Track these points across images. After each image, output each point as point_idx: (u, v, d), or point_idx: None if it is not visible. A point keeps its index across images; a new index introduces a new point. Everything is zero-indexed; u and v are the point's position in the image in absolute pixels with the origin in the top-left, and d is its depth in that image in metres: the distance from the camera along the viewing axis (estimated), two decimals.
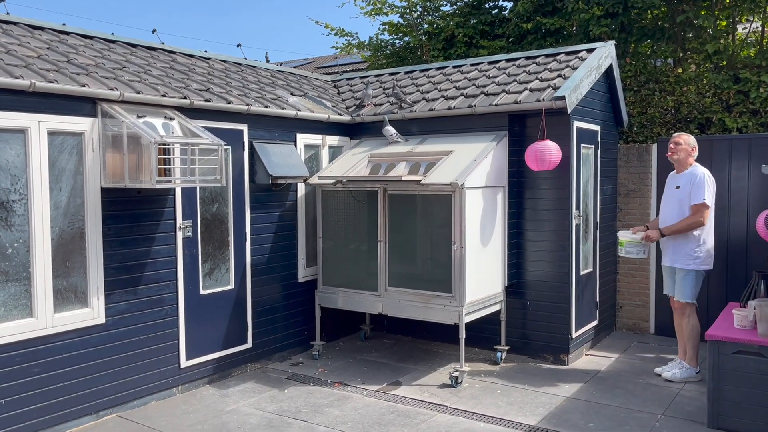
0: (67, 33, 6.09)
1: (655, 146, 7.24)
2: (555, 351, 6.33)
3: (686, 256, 5.53)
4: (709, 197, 5.43)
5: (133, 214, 5.16)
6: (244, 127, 6.08)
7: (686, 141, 5.61)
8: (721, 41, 8.03)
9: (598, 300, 6.94)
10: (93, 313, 4.90)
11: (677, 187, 5.61)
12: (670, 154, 5.66)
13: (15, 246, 4.45)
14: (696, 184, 5.46)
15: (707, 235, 5.53)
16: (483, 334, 6.66)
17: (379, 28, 11.73)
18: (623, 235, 5.82)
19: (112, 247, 5.02)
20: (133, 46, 6.61)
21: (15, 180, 4.43)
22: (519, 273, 6.51)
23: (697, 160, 5.70)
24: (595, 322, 6.87)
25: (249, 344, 6.19)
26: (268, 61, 19.94)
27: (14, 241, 4.45)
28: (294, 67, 19.99)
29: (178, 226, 5.49)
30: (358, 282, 6.35)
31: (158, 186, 4.75)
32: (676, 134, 5.68)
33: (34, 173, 4.50)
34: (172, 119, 5.23)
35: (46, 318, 4.61)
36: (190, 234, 5.59)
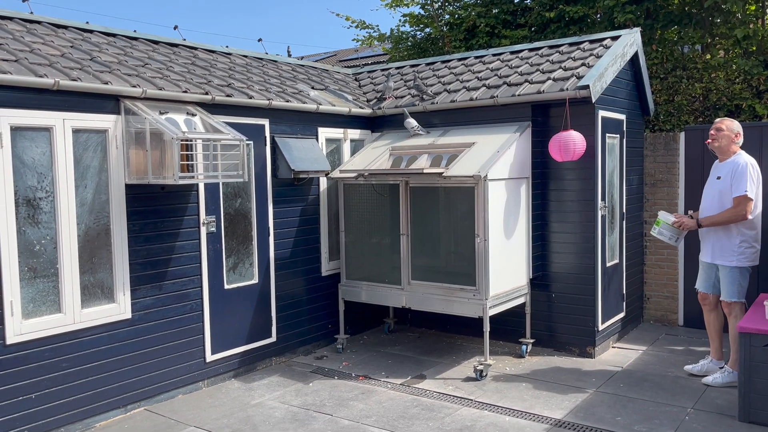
0: (90, 31, 6.15)
1: (682, 135, 7.08)
2: (581, 344, 6.25)
3: (729, 251, 5.15)
4: (752, 188, 5.04)
5: (157, 210, 5.20)
6: (266, 122, 6.08)
7: (729, 127, 5.19)
8: (751, 26, 7.82)
9: (624, 292, 6.83)
10: (119, 308, 4.96)
11: (718, 178, 5.22)
12: (710, 141, 5.27)
13: (42, 243, 4.52)
14: (738, 174, 5.04)
15: (753, 230, 5.16)
16: (508, 327, 6.60)
17: (400, 20, 11.62)
18: (663, 215, 5.48)
19: (137, 243, 5.07)
20: (155, 42, 6.65)
21: (41, 178, 4.49)
22: (544, 265, 6.44)
23: None
24: (621, 314, 6.77)
25: (273, 338, 6.22)
26: (290, 56, 19.98)
27: (41, 238, 4.51)
28: (315, 61, 20.01)
29: (201, 221, 5.52)
30: (381, 275, 6.34)
31: (181, 182, 4.78)
32: (718, 120, 5.28)
33: (60, 171, 4.56)
34: (194, 115, 5.25)
35: (74, 313, 4.68)
36: (213, 229, 5.62)
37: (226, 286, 5.77)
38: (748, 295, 6.09)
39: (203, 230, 5.55)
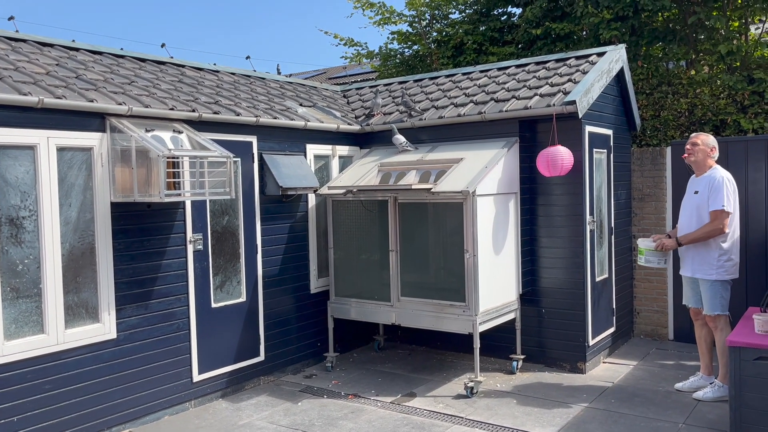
0: (77, 49, 6.12)
1: (669, 149, 7.13)
2: (572, 359, 6.22)
3: (708, 265, 5.16)
4: (729, 203, 5.08)
5: (143, 228, 5.15)
6: (254, 139, 6.07)
7: (704, 141, 5.25)
8: (734, 42, 7.93)
9: (614, 306, 6.83)
10: (104, 328, 4.88)
11: (696, 192, 5.27)
12: (686, 155, 5.34)
13: (25, 262, 4.45)
14: (714, 189, 5.09)
15: (731, 243, 5.18)
16: (498, 343, 6.56)
17: (388, 38, 11.72)
18: (643, 243, 5.54)
19: (123, 261, 5.01)
20: (142, 60, 6.64)
21: (25, 196, 4.44)
22: (533, 280, 6.43)
23: None
24: (612, 329, 6.75)
25: (262, 357, 6.14)
26: (279, 73, 20.01)
27: (24, 258, 4.45)
28: (305, 78, 20.07)
29: (188, 239, 5.47)
30: (370, 292, 6.30)
31: (167, 200, 4.73)
32: (693, 134, 5.36)
33: (44, 189, 4.50)
34: (180, 132, 5.23)
35: (57, 334, 4.60)
36: (200, 247, 5.57)
37: (214, 305, 5.71)
38: (736, 308, 6.11)
39: (190, 248, 5.49)
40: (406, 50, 11.62)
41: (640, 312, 7.37)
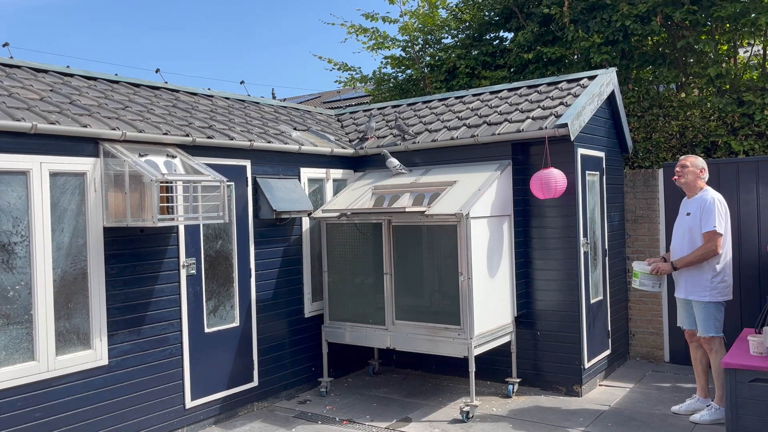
0: (71, 75, 6.15)
1: (661, 171, 7.17)
2: (568, 382, 6.18)
3: (701, 287, 5.17)
4: (721, 224, 5.10)
5: (136, 253, 5.13)
6: (248, 163, 6.08)
7: (693, 163, 5.29)
8: (723, 65, 8.03)
9: (610, 328, 6.80)
10: (96, 354, 4.83)
11: (688, 214, 5.29)
12: (676, 178, 5.38)
13: (17, 289, 4.42)
14: (706, 210, 5.11)
15: (723, 264, 5.19)
16: (494, 367, 6.52)
17: (381, 62, 11.82)
18: (638, 266, 5.51)
19: (115, 286, 4.98)
20: (137, 86, 6.67)
21: (17, 222, 4.42)
22: (528, 303, 6.41)
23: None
24: (607, 352, 6.72)
25: (255, 382, 6.08)
26: (274, 97, 20.14)
27: (16, 284, 4.41)
28: (299, 103, 20.17)
29: (181, 263, 5.45)
30: (364, 316, 6.26)
31: (160, 224, 4.72)
32: (682, 157, 5.41)
33: (36, 215, 4.49)
34: (174, 157, 5.24)
35: (48, 361, 4.54)
36: (193, 271, 5.55)
37: (207, 330, 5.66)
38: (730, 329, 6.10)
39: (183, 273, 5.47)
40: (400, 74, 11.71)
41: (635, 334, 7.35)
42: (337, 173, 7.12)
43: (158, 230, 5.26)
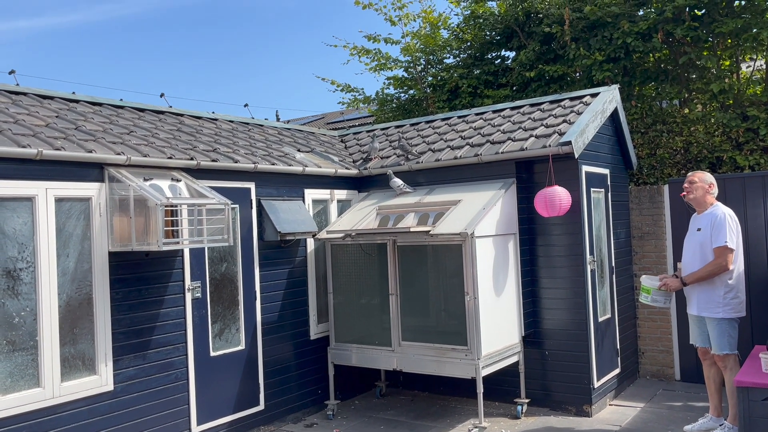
0: (77, 101, 6.20)
1: (666, 187, 7.15)
2: (577, 402, 6.10)
3: (714, 303, 5.08)
4: (732, 239, 5.05)
5: (141, 277, 5.12)
6: (252, 185, 6.09)
7: (701, 178, 5.26)
8: (726, 80, 8.04)
9: (618, 347, 6.73)
10: (101, 380, 4.81)
11: (698, 230, 5.23)
12: (685, 193, 5.33)
13: (22, 315, 4.41)
14: (716, 226, 5.05)
15: (736, 280, 5.12)
16: (502, 387, 6.45)
17: (384, 83, 11.87)
18: (648, 281, 5.42)
19: (120, 311, 4.97)
20: (141, 110, 6.72)
21: (22, 248, 4.42)
22: (536, 322, 6.36)
23: None
24: (617, 370, 6.65)
25: (261, 406, 6.03)
26: (278, 119, 20.24)
27: (21, 310, 4.41)
28: (303, 124, 20.26)
29: (186, 287, 5.44)
30: (370, 337, 6.22)
31: (165, 248, 4.72)
32: (690, 173, 5.37)
33: (42, 241, 4.49)
34: (179, 181, 5.25)
35: (53, 387, 4.52)
36: (199, 295, 5.53)
37: (212, 353, 5.63)
38: (742, 346, 6.00)
39: (188, 296, 5.45)
40: (402, 95, 11.77)
41: (645, 352, 7.27)
42: (341, 194, 7.13)
43: (163, 254, 5.26)
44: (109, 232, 4.89)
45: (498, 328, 5.84)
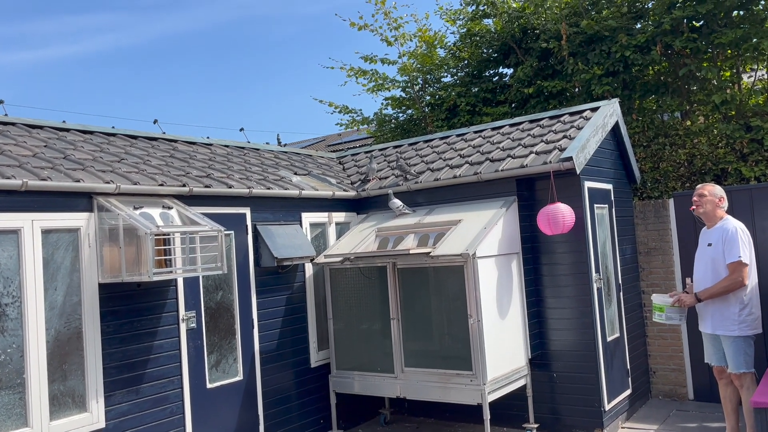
0: (67, 130, 6.10)
1: (671, 201, 6.99)
2: (588, 426, 5.88)
3: (729, 321, 4.89)
4: (746, 253, 4.87)
5: (133, 309, 4.96)
6: (247, 211, 5.95)
7: (711, 192, 5.09)
8: (728, 91, 7.91)
9: (629, 367, 6.53)
10: (92, 417, 4.63)
11: (709, 245, 5.06)
12: (695, 207, 5.16)
13: (8, 352, 4.25)
14: (728, 240, 4.88)
15: (750, 296, 4.95)
16: (509, 411, 6.24)
17: (382, 103, 11.80)
18: (660, 299, 5.22)
19: (112, 345, 4.80)
20: (134, 137, 6.61)
21: (8, 282, 4.28)
22: (542, 343, 6.17)
23: None
24: (628, 391, 6.43)
25: None
26: (280, 143, 20.21)
27: (7, 347, 4.25)
28: (304, 147, 20.18)
29: (181, 317, 5.28)
30: (373, 364, 6.04)
31: (156, 278, 4.57)
32: (699, 186, 5.18)
33: (28, 274, 4.35)
34: (170, 208, 5.12)
35: (42, 427, 4.34)
36: (194, 325, 5.37)
37: (209, 385, 5.45)
38: (757, 364, 5.79)
39: (183, 327, 5.29)
40: (401, 115, 11.69)
41: (656, 371, 7.05)
42: (339, 216, 6.99)
43: (156, 284, 5.11)
44: (98, 264, 4.74)
45: (504, 351, 5.66)
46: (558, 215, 5.73)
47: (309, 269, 6.51)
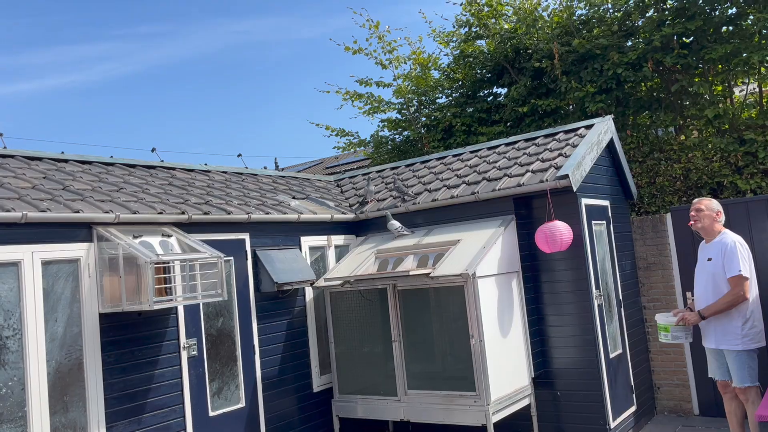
0: (66, 161, 6.14)
1: (669, 216, 7.01)
2: None
3: (732, 335, 4.88)
4: (746, 267, 4.87)
5: (134, 338, 4.95)
6: (246, 236, 5.97)
7: (708, 206, 5.09)
8: (720, 105, 7.99)
9: (633, 383, 6.50)
10: None
11: (709, 259, 5.06)
12: (692, 222, 5.16)
13: (9, 385, 4.23)
14: (728, 255, 4.87)
15: (752, 309, 4.94)
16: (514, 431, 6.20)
17: (378, 125, 11.89)
18: (664, 319, 5.19)
19: (113, 375, 4.78)
20: (132, 166, 6.65)
21: (8, 315, 4.28)
22: (545, 362, 6.14)
23: None
24: (633, 408, 6.39)
25: None
26: (277, 167, 20.26)
27: (8, 380, 4.23)
28: (302, 170, 20.22)
29: (182, 345, 5.26)
30: (375, 387, 6.01)
31: (157, 307, 4.58)
32: (696, 200, 5.19)
33: (28, 306, 4.35)
34: (170, 236, 5.13)
35: None
36: (195, 353, 5.35)
37: (211, 413, 5.41)
38: (761, 378, 5.76)
39: (184, 355, 5.27)
40: (397, 136, 11.76)
41: (660, 387, 7.02)
42: (338, 239, 7.00)
43: (156, 312, 5.10)
44: (99, 293, 4.74)
45: (507, 371, 5.63)
46: (556, 233, 5.74)
47: (309, 293, 6.51)
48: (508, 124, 10.02)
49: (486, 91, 10.75)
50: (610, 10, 9.20)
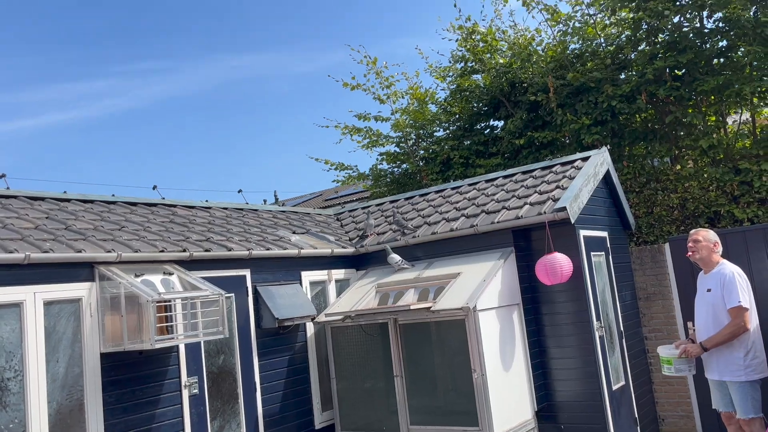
0: (68, 200, 6.19)
1: (667, 246, 7.05)
2: None
3: (735, 366, 4.89)
4: (745, 297, 4.89)
5: (134, 378, 4.94)
6: (247, 272, 5.99)
7: (705, 237, 5.13)
8: (714, 136, 8.10)
9: (636, 415, 6.45)
10: None
11: (708, 290, 5.08)
12: (690, 254, 5.19)
13: (10, 427, 4.21)
14: (727, 286, 4.89)
15: (754, 340, 4.94)
16: None
17: (377, 159, 11.99)
18: (666, 351, 5.20)
19: (114, 415, 4.75)
20: (133, 204, 6.70)
21: (10, 357, 4.27)
22: (548, 395, 6.11)
23: None
24: None
25: None
26: (277, 200, 20.37)
27: (9, 422, 4.21)
28: (301, 203, 20.29)
29: (183, 383, 5.24)
30: (378, 423, 5.96)
31: (158, 345, 4.58)
32: (693, 231, 5.23)
33: (30, 348, 4.35)
34: (171, 274, 5.16)
35: None
36: (196, 391, 5.33)
37: None
38: (765, 409, 5.73)
39: (185, 393, 5.25)
40: (396, 169, 11.86)
41: (664, 419, 6.97)
42: (339, 273, 7.02)
43: (157, 351, 5.09)
44: (100, 333, 4.75)
45: (509, 404, 5.60)
46: (556, 265, 5.77)
47: (310, 328, 6.50)
48: (506, 156, 10.13)
49: (483, 124, 10.88)
50: (603, 45, 9.39)
